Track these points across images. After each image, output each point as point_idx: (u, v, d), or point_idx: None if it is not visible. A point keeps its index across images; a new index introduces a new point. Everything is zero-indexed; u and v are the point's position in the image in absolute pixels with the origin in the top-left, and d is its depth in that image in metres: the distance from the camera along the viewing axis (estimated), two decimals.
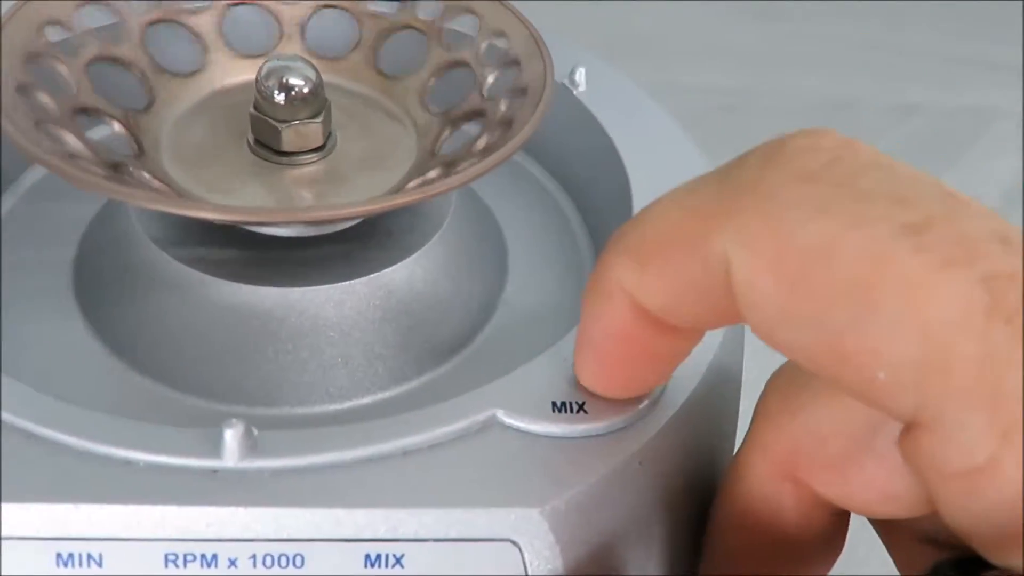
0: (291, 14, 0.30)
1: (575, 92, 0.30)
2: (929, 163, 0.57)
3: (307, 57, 0.30)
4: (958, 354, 0.17)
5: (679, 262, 0.20)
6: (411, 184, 0.26)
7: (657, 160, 0.28)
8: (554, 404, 0.23)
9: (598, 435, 0.23)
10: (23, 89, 0.24)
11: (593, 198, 0.30)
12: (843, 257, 0.18)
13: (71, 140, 0.24)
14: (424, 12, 0.30)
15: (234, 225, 0.25)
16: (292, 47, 0.30)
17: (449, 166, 0.26)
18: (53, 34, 0.26)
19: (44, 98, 0.25)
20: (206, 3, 0.29)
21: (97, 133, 0.26)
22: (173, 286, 0.26)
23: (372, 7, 0.30)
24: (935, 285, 0.18)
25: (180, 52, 0.29)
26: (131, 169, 0.25)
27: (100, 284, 0.27)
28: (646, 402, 0.23)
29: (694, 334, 0.22)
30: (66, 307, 0.27)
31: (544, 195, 0.31)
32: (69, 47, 0.26)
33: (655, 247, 0.20)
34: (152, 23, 0.28)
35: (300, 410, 0.26)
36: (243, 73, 0.29)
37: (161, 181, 0.25)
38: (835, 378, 0.19)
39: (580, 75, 0.30)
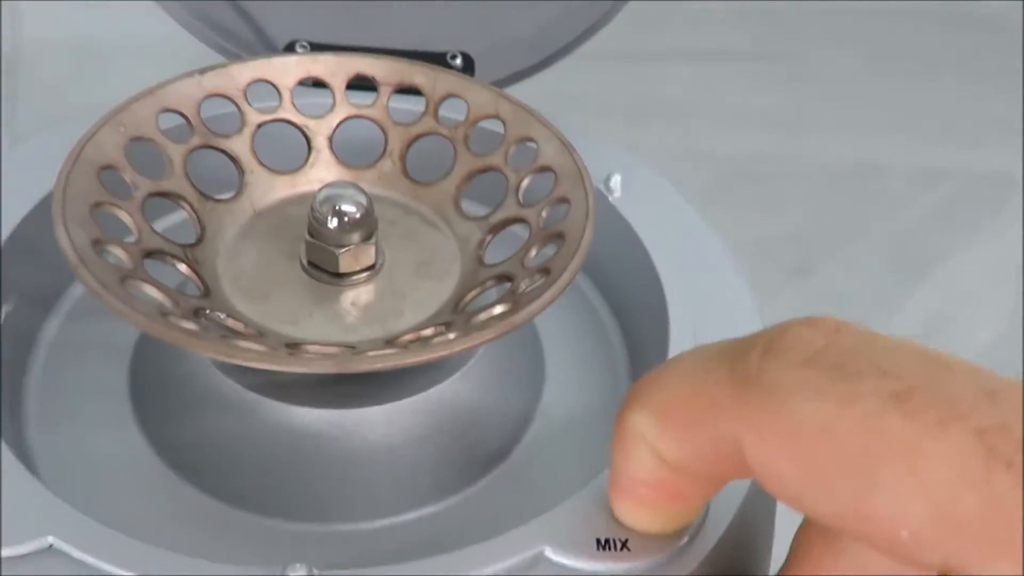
0: (318, 128, 0.32)
1: (610, 199, 0.32)
2: (957, 229, 0.59)
3: (337, 167, 0.32)
4: (966, 507, 0.19)
5: (694, 433, 0.22)
6: (471, 295, 0.28)
7: (691, 266, 0.31)
8: (599, 541, 0.24)
9: (641, 573, 0.24)
10: (98, 245, 0.26)
11: (628, 302, 0.32)
12: (843, 434, 0.20)
13: (153, 293, 0.26)
14: (448, 112, 0.32)
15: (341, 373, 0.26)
16: (322, 159, 0.32)
17: (503, 279, 0.28)
18: (107, 178, 0.28)
19: (117, 251, 0.26)
20: (237, 125, 0.31)
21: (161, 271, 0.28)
22: (230, 407, 0.28)
23: (396, 107, 0.32)
24: (930, 446, 0.20)
25: (220, 177, 0.30)
26: (208, 312, 0.26)
27: (158, 403, 0.29)
28: (686, 538, 0.25)
29: (719, 482, 0.24)
30: (125, 425, 0.29)
31: (580, 298, 0.33)
32: (123, 190, 0.28)
33: (671, 413, 0.22)
34: (191, 151, 0.30)
35: (350, 526, 0.27)
36: (280, 190, 0.31)
37: (235, 319, 0.26)
38: (863, 539, 0.21)
39: (616, 182, 0.32)
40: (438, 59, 0.38)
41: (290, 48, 0.39)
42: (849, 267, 0.59)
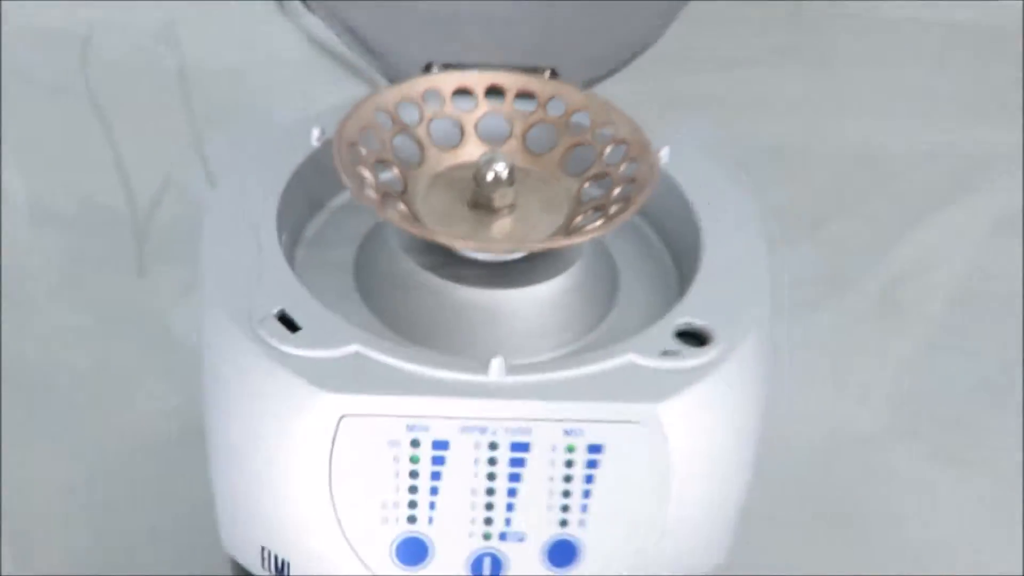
0: (467, 120, 0.50)
1: (662, 164, 0.50)
2: (949, 190, 0.76)
3: (481, 146, 0.50)
4: None
5: None
6: (577, 220, 0.46)
7: (721, 214, 0.49)
8: (663, 351, 0.43)
9: (689, 370, 0.42)
10: (352, 145, 0.45)
11: (673, 234, 0.51)
12: None
13: (367, 175, 0.45)
14: (552, 111, 0.50)
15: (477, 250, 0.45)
16: (470, 141, 0.50)
17: (599, 209, 0.46)
18: (380, 118, 0.47)
19: (362, 150, 0.45)
20: (418, 119, 0.49)
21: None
22: (426, 289, 0.46)
23: (517, 107, 0.50)
24: None
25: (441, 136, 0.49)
26: (394, 200, 0.45)
27: (374, 280, 0.47)
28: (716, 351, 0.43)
29: None
30: (354, 300, 0.47)
31: (637, 231, 0.51)
32: (387, 124, 0.47)
33: None
34: (394, 136, 0.48)
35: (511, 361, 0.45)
36: (446, 161, 0.49)
37: (410, 210, 0.45)
38: None
39: (665, 152, 0.50)
40: (534, 72, 0.56)
41: (427, 68, 0.57)
42: (858, 222, 0.76)
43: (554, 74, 0.56)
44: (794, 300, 0.67)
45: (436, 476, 0.41)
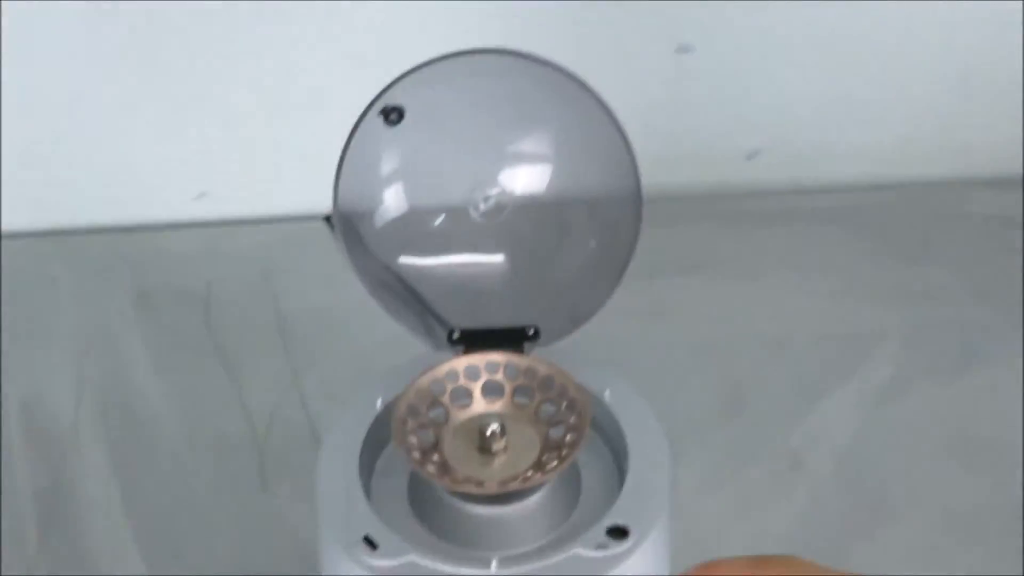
0: (474, 387, 0.77)
1: (605, 400, 0.77)
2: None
3: (484, 402, 0.77)
4: None
5: None
6: (544, 456, 0.73)
7: (642, 437, 0.75)
8: (597, 544, 0.70)
9: (615, 555, 0.69)
10: (403, 421, 0.72)
11: (613, 446, 0.77)
12: None
13: (414, 440, 0.72)
14: (527, 377, 0.77)
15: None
16: (476, 399, 0.77)
17: (557, 449, 0.73)
18: (421, 397, 0.74)
19: (409, 422, 0.73)
20: (443, 390, 0.76)
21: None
22: (451, 505, 0.73)
23: (507, 374, 0.77)
24: None
25: (458, 399, 0.76)
26: (430, 453, 0.72)
27: (418, 499, 0.74)
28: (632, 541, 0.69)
29: None
30: (405, 510, 0.74)
31: (596, 445, 0.78)
32: (423, 397, 0.74)
33: None
34: (429, 405, 0.76)
35: (504, 552, 0.72)
36: (462, 417, 0.76)
37: (443, 458, 0.72)
38: None
39: (607, 394, 0.77)
40: (521, 331, 0.83)
41: (451, 333, 0.84)
42: (770, 400, 1.02)
43: (536, 332, 0.84)
44: (716, 462, 0.94)
45: None
